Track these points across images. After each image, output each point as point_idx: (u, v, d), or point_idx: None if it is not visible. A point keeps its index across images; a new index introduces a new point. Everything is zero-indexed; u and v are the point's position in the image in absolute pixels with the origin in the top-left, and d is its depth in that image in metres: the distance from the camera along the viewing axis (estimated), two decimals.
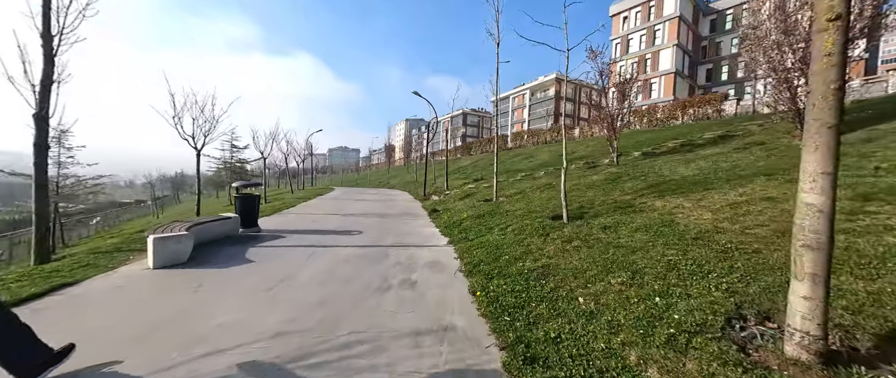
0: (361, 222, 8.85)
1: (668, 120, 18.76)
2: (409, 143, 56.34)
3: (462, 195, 13.03)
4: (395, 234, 7.43)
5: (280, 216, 9.79)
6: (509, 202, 9.46)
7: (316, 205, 13.07)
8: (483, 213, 8.67)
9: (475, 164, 28.28)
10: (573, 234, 5.12)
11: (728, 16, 42.14)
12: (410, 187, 23.97)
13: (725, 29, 42.53)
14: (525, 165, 19.07)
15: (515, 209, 8.40)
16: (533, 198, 9.27)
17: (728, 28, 42.23)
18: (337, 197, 16.78)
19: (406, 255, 5.51)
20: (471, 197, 12.14)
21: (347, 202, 14.27)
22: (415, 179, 28.39)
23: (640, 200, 6.40)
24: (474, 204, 10.44)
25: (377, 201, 14.87)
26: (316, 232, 7.46)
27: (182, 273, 4.48)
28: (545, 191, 9.83)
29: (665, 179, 7.75)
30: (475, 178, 18.87)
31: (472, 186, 14.84)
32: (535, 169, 16.22)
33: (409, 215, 10.48)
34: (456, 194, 13.76)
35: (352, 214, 10.41)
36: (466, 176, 21.82)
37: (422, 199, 15.77)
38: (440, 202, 13.15)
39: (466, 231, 7.21)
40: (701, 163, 8.64)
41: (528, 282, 3.85)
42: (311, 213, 10.74)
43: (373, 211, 11.38)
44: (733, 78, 41.24)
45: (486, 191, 12.76)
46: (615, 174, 9.73)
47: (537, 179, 12.54)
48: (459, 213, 9.44)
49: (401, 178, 34.04)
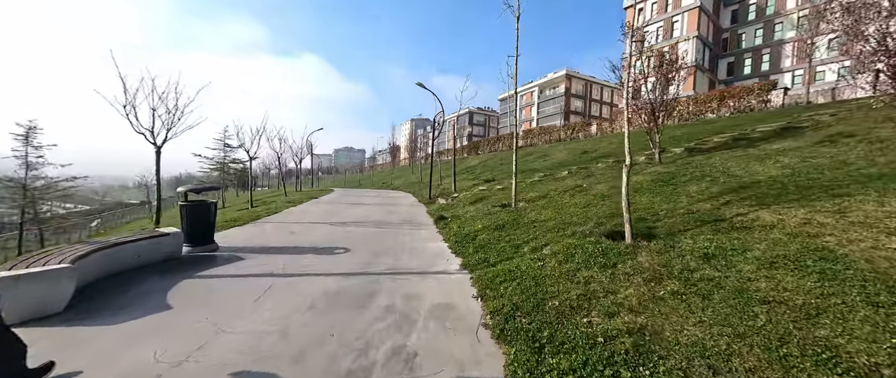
0: (352, 235, 7.14)
1: (702, 113, 16.81)
2: (414, 142, 54.65)
3: (472, 198, 11.28)
4: (392, 252, 5.70)
5: (254, 227, 8.12)
6: (533, 209, 7.68)
7: (305, 211, 11.40)
8: (503, 224, 6.91)
9: (484, 163, 26.50)
10: (659, 267, 3.34)
11: (751, 6, 39.76)
12: (415, 189, 22.27)
13: (748, 19, 40.14)
14: (541, 165, 17.24)
15: (544, 219, 6.62)
16: (563, 204, 7.48)
17: (751, 18, 39.86)
18: (333, 200, 15.12)
19: (403, 293, 3.78)
20: (484, 201, 10.37)
21: (343, 207, 12.59)
22: (419, 180, 26.70)
23: (731, 211, 4.58)
24: (489, 210, 8.68)
25: (377, 205, 13.18)
26: (290, 250, 5.76)
27: (41, 334, 2.80)
28: (577, 195, 8.03)
29: (745, 182, 5.91)
30: (486, 178, 17.10)
31: (483, 188, 13.08)
32: (554, 168, 14.39)
33: (411, 224, 8.76)
34: (465, 197, 12.01)
35: (343, 223, 8.71)
36: (475, 176, 20.05)
37: (427, 202, 14.05)
38: (448, 207, 11.41)
39: (485, 249, 5.46)
40: (782, 159, 6.77)
41: (617, 367, 2.10)
42: (295, 221, 9.06)
43: (369, 218, 9.68)
44: (757, 71, 38.87)
45: (500, 194, 10.99)
46: (665, 174, 7.89)
47: (560, 180, 10.73)
48: (472, 223, 7.69)
49: (405, 179, 32.40)
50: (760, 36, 39.70)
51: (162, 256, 4.73)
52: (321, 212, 10.99)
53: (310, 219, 9.45)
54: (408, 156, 60.62)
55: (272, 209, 11.46)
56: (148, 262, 4.53)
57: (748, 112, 15.40)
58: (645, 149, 13.18)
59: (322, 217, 9.76)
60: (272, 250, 5.74)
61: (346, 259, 5.26)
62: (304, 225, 8.36)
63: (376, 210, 11.64)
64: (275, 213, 10.65)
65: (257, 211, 11.08)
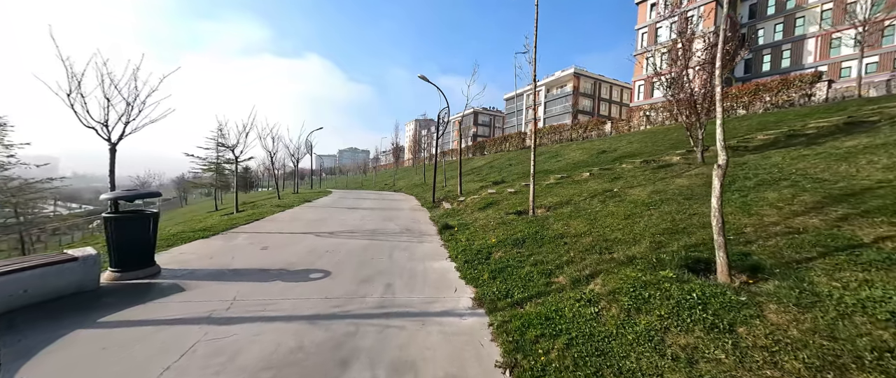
0: (339, 251, 5.84)
1: (733, 109, 15.32)
2: (417, 142, 53.54)
3: (481, 203, 9.96)
4: (384, 277, 4.40)
5: (224, 239, 6.84)
6: (557, 218, 6.34)
7: (293, 217, 10.14)
8: (522, 237, 5.59)
9: (490, 164, 25.17)
10: (820, 339, 1.99)
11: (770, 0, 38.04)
12: (418, 191, 20.99)
13: (767, 14, 38.41)
14: (554, 166, 15.87)
15: (575, 233, 5.28)
16: (594, 213, 6.13)
17: (770, 13, 38.13)
18: (327, 204, 13.88)
19: (391, 359, 2.48)
20: (495, 207, 9.05)
21: (336, 212, 11.32)
22: (423, 182, 25.42)
23: (863, 230, 3.21)
24: (503, 218, 7.36)
25: (375, 210, 11.91)
26: (253, 275, 4.48)
27: None
28: (609, 201, 6.67)
29: (845, 187, 4.52)
30: (494, 180, 15.77)
31: (492, 192, 11.75)
32: (570, 170, 13.02)
33: (411, 234, 7.45)
34: (474, 202, 10.70)
35: (332, 234, 7.43)
36: (482, 178, 18.73)
37: (430, 206, 12.76)
38: (454, 212, 10.10)
39: (505, 275, 4.14)
40: (874, 158, 5.36)
41: None
42: (276, 230, 7.79)
43: (364, 226, 8.39)
44: (777, 68, 37.12)
45: (513, 198, 9.65)
46: None
47: (581, 183, 9.37)
48: (484, 234, 6.37)
49: (408, 180, 31.16)
50: (780, 31, 37.95)
51: (69, 288, 3.47)
52: (311, 218, 9.71)
53: (295, 227, 8.18)
54: (411, 156, 59.51)
55: (257, 214, 10.21)
56: (43, 297, 3.28)
57: (786, 107, 13.90)
58: (676, 147, 11.75)
59: (309, 225, 8.48)
60: (230, 275, 4.46)
61: (323, 288, 3.96)
62: (285, 237, 7.08)
63: (374, 216, 10.36)
64: (258, 219, 9.39)
65: (234, 218, 9.81)
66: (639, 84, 42.20)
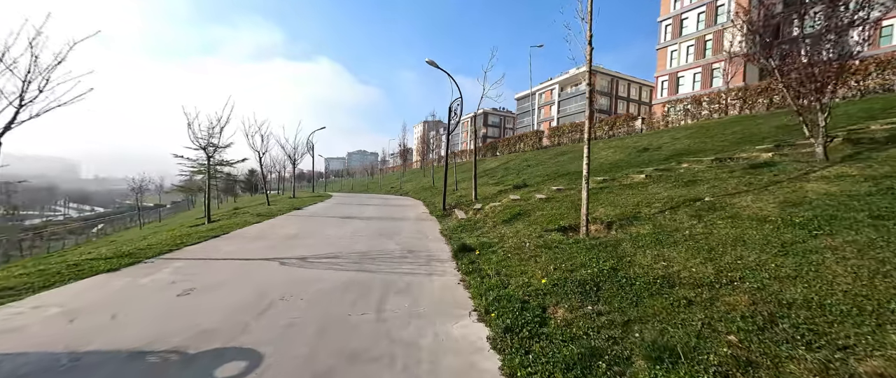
0: (298, 299, 3.75)
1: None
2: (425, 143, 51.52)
3: (506, 212, 7.81)
4: (358, 374, 2.30)
5: (135, 274, 4.67)
6: (637, 243, 4.16)
7: (264, 232, 8.09)
8: (591, 279, 3.42)
9: (505, 166, 22.97)
10: None
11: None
12: (426, 195, 18.90)
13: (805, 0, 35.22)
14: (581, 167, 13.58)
15: (688, 274, 3.10)
16: (699, 235, 3.92)
17: None
18: (318, 212, 11.89)
19: None
20: (525, 219, 6.89)
21: (325, 224, 9.29)
22: (431, 185, 23.36)
23: None
24: (544, 238, 5.21)
25: (374, 220, 9.86)
26: (117, 361, 2.42)
27: None
28: (713, 218, 4.43)
29: None
30: (514, 183, 13.57)
31: (515, 198, 9.58)
32: (610, 171, 10.75)
33: (416, 260, 5.34)
34: (494, 211, 8.55)
35: (303, 261, 5.35)
36: (499, 181, 16.56)
37: (441, 214, 10.64)
38: (471, 224, 7.97)
39: None
40: None
41: None
42: (227, 256, 5.73)
43: (353, 247, 6.31)
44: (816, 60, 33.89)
45: (547, 207, 7.46)
46: (882, 182, 4.24)
47: (639, 188, 7.14)
48: (523, 267, 4.22)
49: (415, 183, 29.15)
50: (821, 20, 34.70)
51: None
52: (288, 234, 7.67)
53: (258, 249, 6.12)
54: (419, 158, 57.65)
55: (226, 226, 8.23)
56: None
57: (881, 92, 11.41)
58: (746, 141, 9.24)
59: (281, 245, 6.43)
60: (79, 364, 2.41)
61: None
62: (234, 267, 5.01)
63: (371, 229, 8.29)
64: (223, 233, 7.39)
65: (195, 233, 7.78)
66: (662, 80, 39.49)
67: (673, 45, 38.01)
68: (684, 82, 36.94)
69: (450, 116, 11.45)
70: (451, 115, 11.45)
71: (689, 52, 36.60)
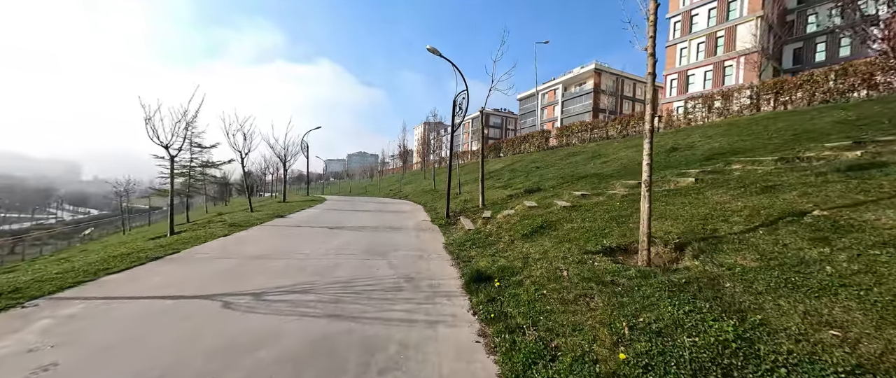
0: (237, 370, 2.32)
1: (847, 92, 11.39)
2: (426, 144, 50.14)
3: (524, 224, 6.39)
4: None
5: (10, 322, 3.32)
6: (746, 283, 2.73)
7: (229, 248, 6.65)
8: (716, 359, 1.97)
9: (511, 167, 21.58)
10: None
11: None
12: (426, 198, 17.49)
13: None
14: (604, 169, 12.21)
15: None
16: (847, 272, 2.51)
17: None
18: (303, 221, 10.47)
19: None
20: (549, 234, 5.48)
21: (307, 236, 7.88)
22: (433, 187, 21.94)
23: None
24: (588, 265, 3.78)
25: (366, 230, 8.45)
26: None
27: None
28: (852, 241, 3.01)
29: None
30: (525, 187, 12.16)
31: (531, 204, 8.17)
32: (630, 174, 9.35)
33: (416, 294, 3.92)
34: (509, 221, 7.12)
35: (260, 297, 3.92)
36: (506, 183, 15.16)
37: (444, 222, 9.23)
38: (482, 238, 6.54)
39: None
40: None
41: None
42: (153, 293, 4.30)
43: (335, 273, 4.89)
44: (834, 57, 32.67)
45: (577, 217, 6.02)
46: None
47: (691, 195, 5.72)
48: (574, 320, 2.75)
49: (416, 185, 27.73)
50: (838, 15, 33.45)
51: None
52: (256, 251, 6.22)
53: (202, 279, 4.68)
54: (420, 160, 56.34)
55: (187, 240, 6.82)
56: None
57: None
58: (803, 139, 7.66)
59: (236, 272, 4.99)
60: None
61: None
62: (147, 315, 3.58)
63: (361, 242, 6.87)
64: (173, 252, 5.95)
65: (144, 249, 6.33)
66: (671, 78, 38.15)
67: (682, 43, 36.68)
68: (694, 80, 35.59)
69: (454, 111, 10.05)
70: (455, 109, 10.05)
71: (699, 49, 35.25)
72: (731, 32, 33.31)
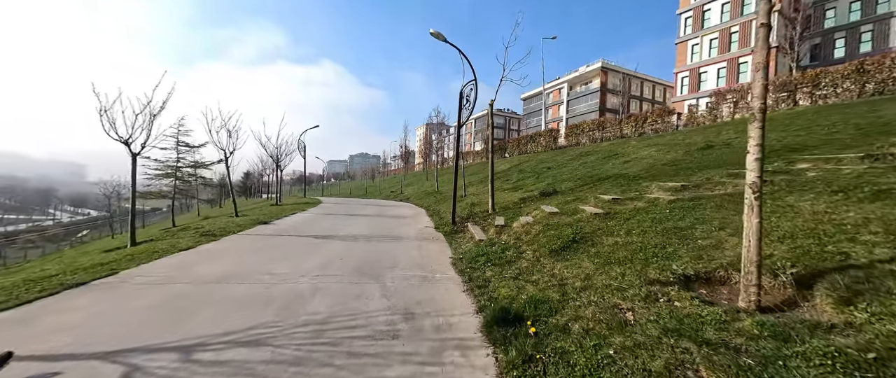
0: None
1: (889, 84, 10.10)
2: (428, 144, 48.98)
3: (550, 236, 5.19)
4: None
5: None
6: None
7: (192, 264, 5.47)
8: None
9: (518, 167, 20.38)
10: None
11: None
12: (429, 201, 16.29)
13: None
14: (624, 170, 10.98)
15: None
16: None
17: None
18: (287, 230, 9.29)
19: None
20: (587, 251, 4.26)
21: (290, 249, 6.70)
22: (435, 189, 20.73)
23: None
24: (668, 307, 2.54)
25: (361, 240, 7.25)
26: None
27: None
28: None
29: None
30: (539, 189, 10.96)
31: (551, 210, 6.94)
32: (663, 175, 8.11)
33: (417, 340, 2.72)
34: (528, 230, 5.91)
35: (192, 359, 2.73)
36: (515, 185, 13.97)
37: (450, 230, 8.03)
38: (496, 251, 5.31)
39: None
40: None
41: None
42: (28, 350, 3.15)
43: (305, 309, 3.71)
44: (855, 54, 31.29)
45: (615, 229, 4.80)
46: None
47: (781, 205, 4.48)
48: None
49: (418, 187, 26.54)
50: (858, 10, 32.12)
51: None
52: (214, 273, 5.02)
53: (137, 311, 3.53)
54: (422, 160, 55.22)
55: (138, 255, 5.65)
56: None
57: None
58: (861, 138, 6.36)
59: (171, 308, 3.81)
60: None
61: None
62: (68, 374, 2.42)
63: (350, 257, 5.67)
64: (109, 274, 4.77)
65: (81, 267, 5.13)
66: (682, 76, 36.81)
67: (694, 39, 35.33)
68: (707, 78, 34.23)
69: (461, 104, 8.86)
70: (463, 102, 8.85)
71: (712, 45, 33.88)
72: (747, 28, 31.97)
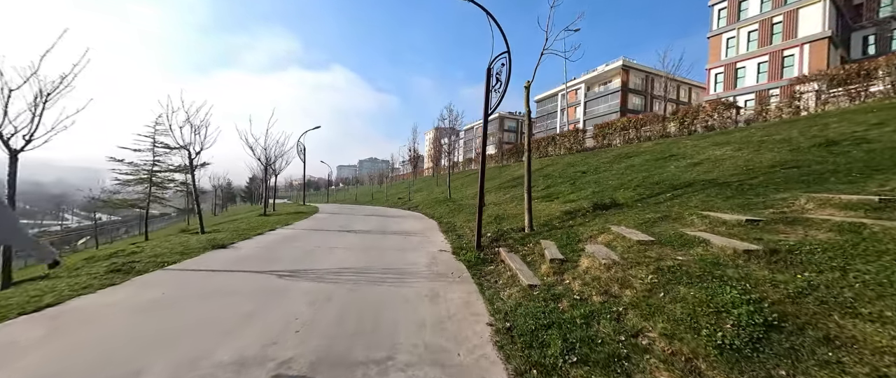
0: None
1: None
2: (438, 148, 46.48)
3: (676, 298, 2.65)
4: None
5: None
6: None
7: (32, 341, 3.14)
8: None
9: (542, 172, 17.82)
10: None
11: None
12: (442, 211, 13.81)
13: None
14: (705, 175, 8.35)
15: None
16: None
17: None
18: (250, 259, 6.88)
19: None
20: (808, 356, 1.69)
21: (227, 300, 4.28)
22: (446, 196, 18.26)
23: None
24: None
25: (343, 282, 4.81)
26: None
27: None
28: None
29: None
30: (592, 201, 8.41)
31: (637, 236, 4.37)
32: (793, 181, 5.47)
33: None
34: (617, 278, 3.37)
35: None
36: (545, 193, 11.39)
37: (476, 260, 5.53)
38: (578, 322, 2.57)
39: None
40: None
41: None
42: None
43: None
44: None
45: (790, 279, 2.18)
46: None
47: None
48: None
49: (427, 193, 24.10)
50: None
51: None
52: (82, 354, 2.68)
53: None
54: (431, 165, 52.88)
55: (72, 287, 3.34)
56: None
57: None
58: None
59: None
60: None
61: None
62: None
63: (322, 321, 3.24)
64: (35, 309, 2.46)
65: None
66: (716, 72, 33.72)
67: (730, 32, 32.31)
68: (745, 73, 31.11)
69: (488, 83, 6.39)
70: (491, 80, 6.39)
71: (750, 38, 30.80)
72: (792, 16, 28.85)
